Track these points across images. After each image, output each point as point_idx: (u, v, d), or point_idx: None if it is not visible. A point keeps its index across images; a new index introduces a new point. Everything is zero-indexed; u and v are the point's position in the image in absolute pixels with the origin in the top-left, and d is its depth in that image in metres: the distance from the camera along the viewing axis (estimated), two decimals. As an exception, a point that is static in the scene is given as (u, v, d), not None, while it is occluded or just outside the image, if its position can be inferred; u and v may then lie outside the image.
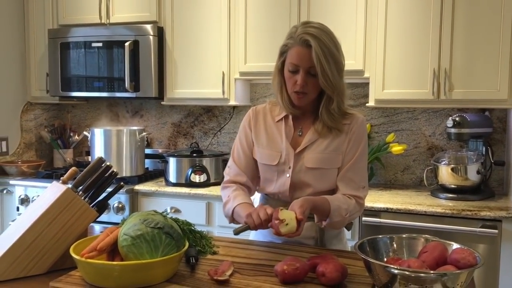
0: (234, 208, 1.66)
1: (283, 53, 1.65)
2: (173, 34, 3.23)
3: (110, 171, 1.54)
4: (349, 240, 2.20)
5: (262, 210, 1.49)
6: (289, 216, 1.44)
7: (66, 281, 1.31)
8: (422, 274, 1.12)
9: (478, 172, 2.67)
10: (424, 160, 3.12)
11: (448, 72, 2.68)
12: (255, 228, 1.50)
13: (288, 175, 1.68)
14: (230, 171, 1.80)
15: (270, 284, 1.32)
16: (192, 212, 2.87)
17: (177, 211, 2.93)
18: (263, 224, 1.47)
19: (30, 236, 1.40)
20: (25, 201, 3.15)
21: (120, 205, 2.96)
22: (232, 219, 1.70)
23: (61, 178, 1.54)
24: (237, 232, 1.54)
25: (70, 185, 1.49)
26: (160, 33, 3.24)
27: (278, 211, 1.45)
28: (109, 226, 1.84)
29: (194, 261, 1.43)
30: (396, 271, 1.13)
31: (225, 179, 1.81)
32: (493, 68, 2.61)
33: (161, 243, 1.29)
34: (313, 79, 1.60)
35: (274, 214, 1.45)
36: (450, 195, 2.69)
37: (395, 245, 1.35)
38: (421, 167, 3.12)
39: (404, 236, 1.37)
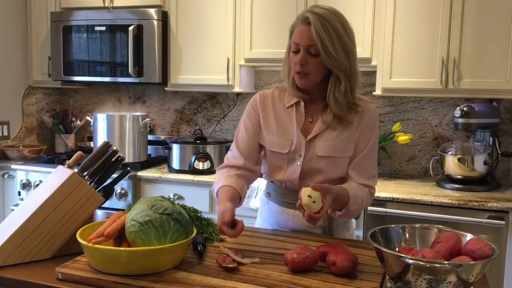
0: (217, 191, 1.63)
1: (290, 34, 1.61)
2: (178, 19, 3.18)
3: (116, 156, 1.51)
4: (354, 229, 2.18)
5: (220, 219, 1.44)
6: (317, 196, 1.40)
7: (73, 266, 1.29)
8: (437, 265, 1.09)
9: (485, 163, 2.64)
10: (430, 150, 3.09)
11: (457, 61, 2.64)
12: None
13: (298, 163, 1.65)
14: (229, 154, 1.76)
15: (279, 273, 1.31)
16: (195, 199, 2.85)
17: (180, 198, 2.90)
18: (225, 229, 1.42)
19: (36, 221, 1.37)
20: (26, 185, 3.12)
21: (123, 191, 2.94)
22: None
23: (67, 162, 1.51)
24: None
25: (76, 170, 1.46)
26: (164, 18, 3.18)
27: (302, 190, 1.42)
28: (111, 212, 1.82)
29: (201, 248, 1.41)
30: (410, 261, 1.11)
31: (224, 162, 1.77)
32: (503, 58, 2.57)
33: (170, 229, 1.27)
34: (314, 59, 1.54)
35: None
36: (456, 186, 2.67)
37: (407, 235, 1.33)
38: (426, 157, 3.10)
39: (416, 226, 1.34)
